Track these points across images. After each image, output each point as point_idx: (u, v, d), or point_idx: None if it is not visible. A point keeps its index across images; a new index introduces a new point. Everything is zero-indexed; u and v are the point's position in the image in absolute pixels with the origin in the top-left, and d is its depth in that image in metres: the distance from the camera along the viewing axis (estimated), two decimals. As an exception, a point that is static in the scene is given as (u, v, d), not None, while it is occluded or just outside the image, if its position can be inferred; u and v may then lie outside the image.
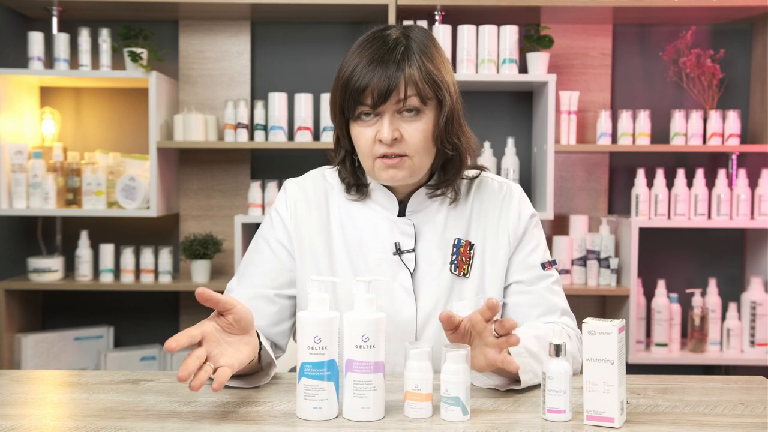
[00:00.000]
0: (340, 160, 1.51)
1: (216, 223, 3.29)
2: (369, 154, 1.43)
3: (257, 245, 1.56)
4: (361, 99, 1.39)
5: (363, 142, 1.42)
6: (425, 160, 1.45)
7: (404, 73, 1.38)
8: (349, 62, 1.42)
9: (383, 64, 1.38)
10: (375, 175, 1.45)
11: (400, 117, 1.41)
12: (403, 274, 1.50)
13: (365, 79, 1.38)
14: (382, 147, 1.41)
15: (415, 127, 1.41)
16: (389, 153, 1.41)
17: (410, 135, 1.41)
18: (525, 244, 1.54)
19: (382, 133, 1.40)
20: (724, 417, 1.21)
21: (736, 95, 3.27)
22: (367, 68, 1.39)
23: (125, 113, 3.30)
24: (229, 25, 3.27)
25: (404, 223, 1.51)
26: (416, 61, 1.40)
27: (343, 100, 1.42)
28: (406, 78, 1.38)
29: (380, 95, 1.37)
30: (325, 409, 1.18)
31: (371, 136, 1.41)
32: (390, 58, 1.39)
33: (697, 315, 3.08)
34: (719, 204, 3.04)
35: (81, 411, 1.23)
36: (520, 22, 3.17)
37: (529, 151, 3.29)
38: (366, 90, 1.38)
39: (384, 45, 1.41)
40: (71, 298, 3.33)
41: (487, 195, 1.55)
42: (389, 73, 1.37)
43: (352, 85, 1.39)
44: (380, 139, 1.40)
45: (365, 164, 1.45)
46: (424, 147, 1.43)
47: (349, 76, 1.40)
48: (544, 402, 1.19)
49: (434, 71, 1.41)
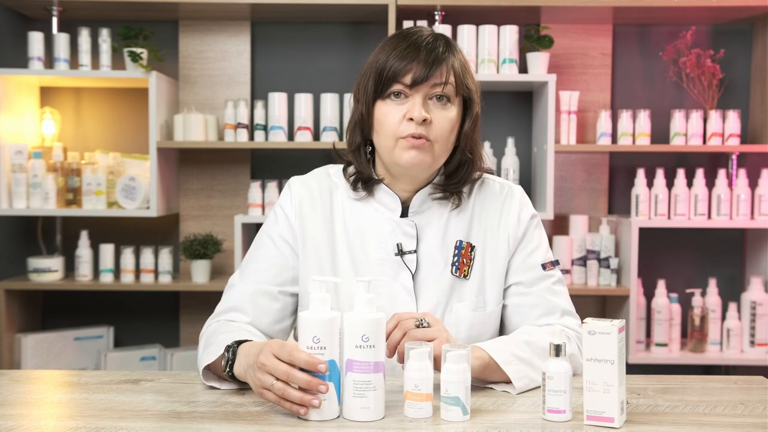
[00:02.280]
0: (355, 148, 1.51)
1: (216, 223, 3.29)
2: (393, 133, 1.43)
3: (260, 241, 1.56)
4: (400, 77, 1.42)
5: (390, 120, 1.43)
6: (445, 152, 1.47)
7: (447, 61, 1.43)
8: (383, 51, 1.45)
9: (426, 50, 1.42)
10: (395, 155, 1.44)
11: (430, 103, 1.43)
12: (405, 274, 1.50)
13: (406, 60, 1.41)
14: (410, 126, 1.41)
15: (444, 114, 1.44)
16: (416, 133, 1.41)
17: (439, 121, 1.43)
18: (525, 245, 1.54)
19: (413, 111, 1.41)
20: (724, 417, 1.21)
21: (736, 95, 3.27)
22: (410, 50, 1.42)
23: (125, 113, 3.30)
24: (229, 25, 3.26)
25: (407, 224, 1.51)
26: (458, 56, 1.46)
27: (379, 77, 1.43)
28: (448, 66, 1.43)
29: (421, 75, 1.40)
30: (325, 409, 1.18)
31: (399, 115, 1.42)
32: (433, 47, 1.43)
33: (697, 315, 3.08)
34: (719, 204, 3.04)
35: (81, 411, 1.23)
36: (520, 22, 3.17)
37: (529, 151, 3.29)
38: (406, 68, 1.41)
39: (421, 38, 1.44)
40: (71, 298, 3.33)
41: (489, 197, 1.56)
42: (433, 58, 1.41)
43: (392, 63, 1.42)
44: (411, 117, 1.41)
45: (386, 144, 1.45)
46: (447, 137, 1.45)
47: (388, 56, 1.43)
48: (544, 402, 1.19)
49: (470, 72, 1.48)
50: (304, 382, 1.17)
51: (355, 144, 1.51)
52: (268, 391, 1.19)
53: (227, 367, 1.31)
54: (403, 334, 1.30)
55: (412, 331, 1.30)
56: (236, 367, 1.31)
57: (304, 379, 1.16)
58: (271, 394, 1.19)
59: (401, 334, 1.30)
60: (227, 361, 1.32)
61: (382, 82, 1.43)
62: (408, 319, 1.31)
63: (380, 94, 1.44)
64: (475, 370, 1.32)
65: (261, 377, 1.19)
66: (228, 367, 1.31)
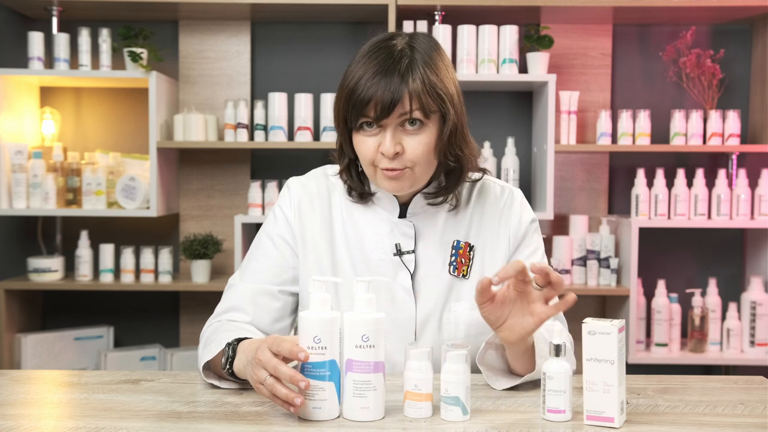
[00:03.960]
0: (344, 167, 1.51)
1: (216, 223, 3.29)
2: (371, 163, 1.42)
3: (260, 241, 1.57)
4: (365, 111, 1.38)
5: (365, 151, 1.42)
6: (427, 171, 1.45)
7: (408, 86, 1.36)
8: (353, 72, 1.40)
9: (387, 77, 1.36)
10: (378, 183, 1.45)
11: (402, 130, 1.40)
12: (403, 274, 1.50)
13: (369, 92, 1.36)
14: (384, 160, 1.40)
15: (417, 140, 1.40)
16: (389, 167, 1.40)
17: (412, 148, 1.40)
18: (523, 248, 1.55)
19: (384, 146, 1.39)
20: (724, 417, 1.21)
21: (736, 95, 3.27)
22: (371, 80, 1.37)
23: (125, 113, 3.30)
24: (229, 25, 3.26)
25: (405, 225, 1.51)
26: (420, 74, 1.38)
27: (347, 111, 1.41)
28: (410, 92, 1.36)
29: (383, 109, 1.36)
30: (326, 409, 1.18)
31: (373, 146, 1.41)
32: (394, 71, 1.37)
33: (697, 315, 3.08)
34: (719, 204, 3.04)
35: (81, 411, 1.23)
36: (520, 22, 3.17)
37: (529, 151, 3.29)
38: (370, 102, 1.37)
39: (389, 56, 1.39)
40: (71, 298, 3.33)
41: (489, 199, 1.56)
42: (393, 87, 1.36)
43: (356, 96, 1.38)
44: (382, 152, 1.40)
45: (368, 172, 1.45)
46: (425, 159, 1.42)
47: (354, 87, 1.39)
48: (544, 402, 1.19)
49: (438, 84, 1.40)
50: (287, 376, 1.16)
51: (344, 165, 1.51)
52: (263, 386, 1.19)
53: (227, 364, 1.32)
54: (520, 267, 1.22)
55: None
56: (236, 364, 1.31)
57: (288, 374, 1.16)
58: (264, 389, 1.19)
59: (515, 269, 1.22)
60: (227, 358, 1.32)
61: (350, 116, 1.40)
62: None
63: (354, 126, 1.42)
64: (528, 348, 1.31)
65: (257, 372, 1.19)
66: (228, 364, 1.31)
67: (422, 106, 1.38)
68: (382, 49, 1.41)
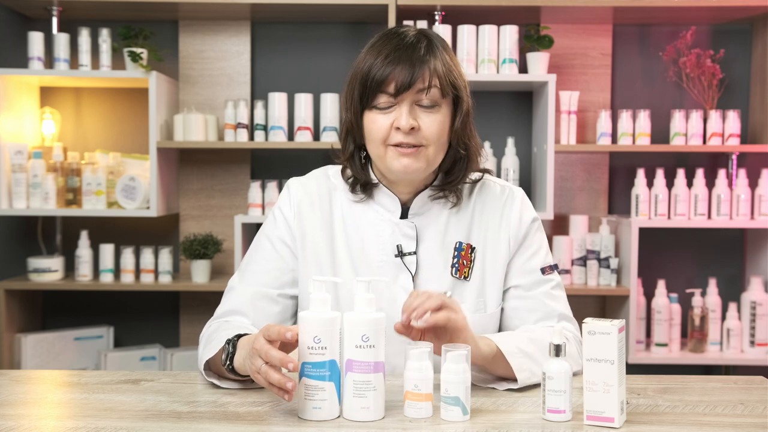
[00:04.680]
0: (349, 155, 1.50)
1: (216, 223, 3.29)
2: (382, 141, 1.43)
3: (260, 243, 1.56)
4: (383, 87, 1.40)
5: (377, 128, 1.42)
6: (439, 153, 1.46)
7: (429, 65, 1.41)
8: (368, 55, 1.43)
9: (408, 55, 1.40)
10: (387, 164, 1.44)
11: (418, 108, 1.42)
12: (405, 276, 1.50)
13: (389, 68, 1.40)
14: (399, 135, 1.41)
15: (432, 118, 1.42)
16: (405, 142, 1.41)
17: (428, 126, 1.42)
18: (525, 248, 1.54)
19: (400, 120, 1.40)
20: (724, 417, 1.21)
21: (736, 95, 3.27)
22: (392, 56, 1.40)
23: (125, 113, 3.30)
24: (229, 25, 3.26)
25: (406, 226, 1.51)
26: (440, 56, 1.43)
27: (363, 88, 1.42)
28: (431, 70, 1.41)
29: (404, 83, 1.39)
30: (326, 409, 1.18)
31: (387, 123, 1.42)
32: (414, 50, 1.41)
33: (697, 315, 3.08)
34: (719, 204, 3.04)
35: (81, 411, 1.23)
36: (520, 22, 3.17)
37: (529, 151, 3.29)
38: (389, 78, 1.39)
39: (402, 40, 1.43)
40: (71, 298, 3.33)
41: (489, 198, 1.55)
42: (414, 63, 1.40)
43: (375, 72, 1.40)
44: (398, 127, 1.40)
45: (377, 152, 1.45)
46: (439, 140, 1.44)
47: (371, 65, 1.41)
48: (544, 402, 1.19)
49: (455, 70, 1.45)
50: (277, 359, 1.16)
51: (349, 152, 1.50)
52: (259, 375, 1.19)
53: (227, 359, 1.31)
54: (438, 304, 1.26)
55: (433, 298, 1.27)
56: (236, 359, 1.31)
57: (278, 357, 1.16)
58: (261, 377, 1.19)
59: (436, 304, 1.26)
60: (227, 354, 1.32)
61: (367, 92, 1.42)
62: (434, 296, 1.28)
63: (367, 105, 1.43)
64: (486, 357, 1.33)
65: (253, 361, 1.20)
66: (228, 360, 1.31)
67: (441, 84, 1.42)
68: (392, 36, 1.44)
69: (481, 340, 1.34)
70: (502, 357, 1.34)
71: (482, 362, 1.34)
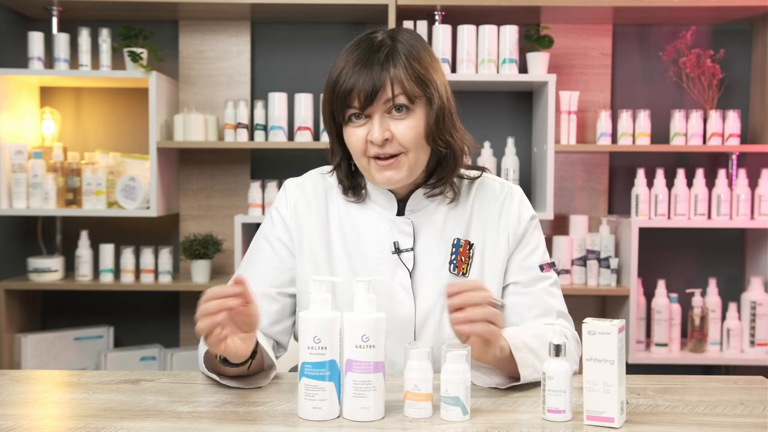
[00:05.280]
0: (336, 164, 1.51)
1: (216, 223, 3.29)
2: (362, 154, 1.43)
3: (258, 244, 1.57)
4: (349, 101, 1.40)
5: (355, 142, 1.43)
6: (421, 157, 1.45)
7: (389, 73, 1.39)
8: (336, 67, 1.43)
9: (368, 66, 1.39)
10: (371, 177, 1.46)
11: (389, 117, 1.41)
12: (402, 273, 1.50)
13: (350, 82, 1.39)
14: (374, 148, 1.41)
15: (405, 124, 1.41)
16: (381, 154, 1.41)
17: (401, 133, 1.41)
18: (524, 245, 1.54)
19: (372, 134, 1.40)
20: (724, 417, 1.21)
21: (736, 95, 3.27)
22: (352, 70, 1.39)
23: (125, 113, 3.30)
24: (229, 25, 3.26)
25: (403, 222, 1.51)
26: (401, 60, 1.40)
27: (332, 105, 1.43)
28: (392, 78, 1.39)
29: (367, 96, 1.38)
30: (325, 409, 1.18)
31: (362, 136, 1.42)
32: (374, 60, 1.39)
33: (697, 315, 3.08)
34: (719, 204, 3.04)
35: (81, 411, 1.23)
36: (520, 22, 3.17)
37: (529, 151, 3.29)
38: (352, 92, 1.39)
39: (369, 47, 1.41)
40: (71, 298, 3.33)
41: (488, 196, 1.55)
42: (374, 74, 1.38)
43: (339, 88, 1.40)
44: (371, 140, 1.41)
45: (361, 164, 1.46)
46: (416, 144, 1.43)
47: (335, 80, 1.41)
48: (544, 402, 1.19)
49: (421, 70, 1.42)
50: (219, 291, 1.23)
51: (336, 162, 1.51)
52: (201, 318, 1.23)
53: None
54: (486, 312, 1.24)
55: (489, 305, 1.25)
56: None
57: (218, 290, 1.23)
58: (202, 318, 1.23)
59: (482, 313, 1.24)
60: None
61: (336, 109, 1.42)
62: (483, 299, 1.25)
63: (341, 119, 1.43)
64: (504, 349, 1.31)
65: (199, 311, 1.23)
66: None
67: (405, 91, 1.40)
68: (362, 42, 1.43)
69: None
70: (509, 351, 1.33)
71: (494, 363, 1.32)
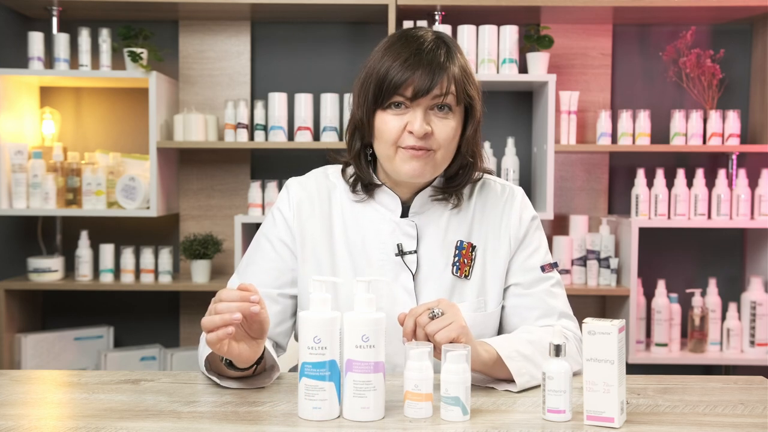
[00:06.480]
0: (355, 153, 1.50)
1: (216, 223, 3.29)
2: (393, 142, 1.43)
3: (259, 244, 1.56)
4: (401, 90, 1.41)
5: (389, 130, 1.42)
6: (446, 159, 1.47)
7: (448, 71, 1.41)
8: (386, 56, 1.43)
9: (428, 60, 1.40)
10: (395, 166, 1.45)
11: (432, 113, 1.43)
12: (405, 275, 1.49)
13: (408, 72, 1.40)
14: (411, 139, 1.41)
15: (445, 124, 1.43)
16: (418, 146, 1.42)
17: (440, 131, 1.42)
18: (525, 246, 1.54)
19: (414, 125, 1.40)
20: (724, 417, 1.21)
21: (736, 95, 3.27)
22: (412, 60, 1.40)
23: (125, 113, 3.30)
24: (229, 25, 3.26)
25: (407, 225, 1.51)
26: (459, 63, 1.44)
27: (379, 89, 1.42)
28: (449, 76, 1.41)
29: (422, 89, 1.39)
30: (326, 409, 1.18)
31: (399, 125, 1.42)
32: (434, 56, 1.41)
33: (697, 315, 3.08)
34: (719, 204, 3.04)
35: (81, 411, 1.23)
36: (520, 22, 3.17)
37: (529, 151, 3.29)
38: (407, 82, 1.40)
39: (423, 44, 1.43)
40: (71, 298, 3.33)
41: (490, 198, 1.56)
42: (434, 69, 1.40)
43: (393, 75, 1.40)
44: (411, 131, 1.41)
45: (386, 152, 1.45)
46: (449, 145, 1.45)
47: (389, 67, 1.41)
48: (544, 402, 1.19)
49: (471, 78, 1.46)
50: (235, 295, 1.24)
51: (355, 149, 1.50)
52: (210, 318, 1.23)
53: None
54: (414, 323, 1.29)
55: (426, 327, 1.28)
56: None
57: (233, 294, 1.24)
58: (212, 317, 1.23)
59: (412, 323, 1.30)
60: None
61: (382, 93, 1.42)
62: (422, 313, 1.30)
63: (380, 105, 1.43)
64: (486, 363, 1.33)
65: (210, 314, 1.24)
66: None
67: (457, 92, 1.42)
68: (412, 39, 1.44)
69: (481, 346, 1.34)
70: (501, 362, 1.34)
71: (482, 368, 1.34)
